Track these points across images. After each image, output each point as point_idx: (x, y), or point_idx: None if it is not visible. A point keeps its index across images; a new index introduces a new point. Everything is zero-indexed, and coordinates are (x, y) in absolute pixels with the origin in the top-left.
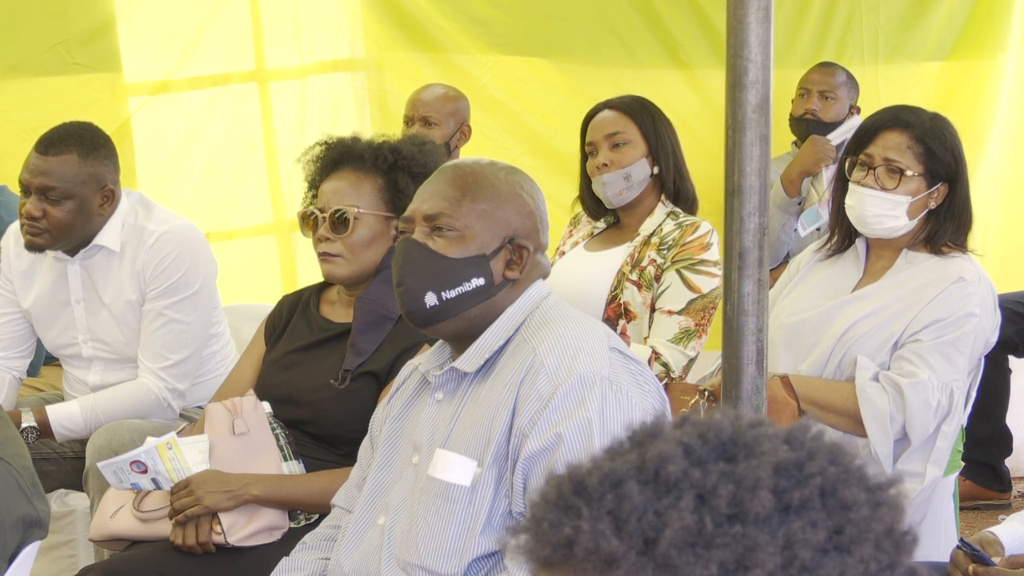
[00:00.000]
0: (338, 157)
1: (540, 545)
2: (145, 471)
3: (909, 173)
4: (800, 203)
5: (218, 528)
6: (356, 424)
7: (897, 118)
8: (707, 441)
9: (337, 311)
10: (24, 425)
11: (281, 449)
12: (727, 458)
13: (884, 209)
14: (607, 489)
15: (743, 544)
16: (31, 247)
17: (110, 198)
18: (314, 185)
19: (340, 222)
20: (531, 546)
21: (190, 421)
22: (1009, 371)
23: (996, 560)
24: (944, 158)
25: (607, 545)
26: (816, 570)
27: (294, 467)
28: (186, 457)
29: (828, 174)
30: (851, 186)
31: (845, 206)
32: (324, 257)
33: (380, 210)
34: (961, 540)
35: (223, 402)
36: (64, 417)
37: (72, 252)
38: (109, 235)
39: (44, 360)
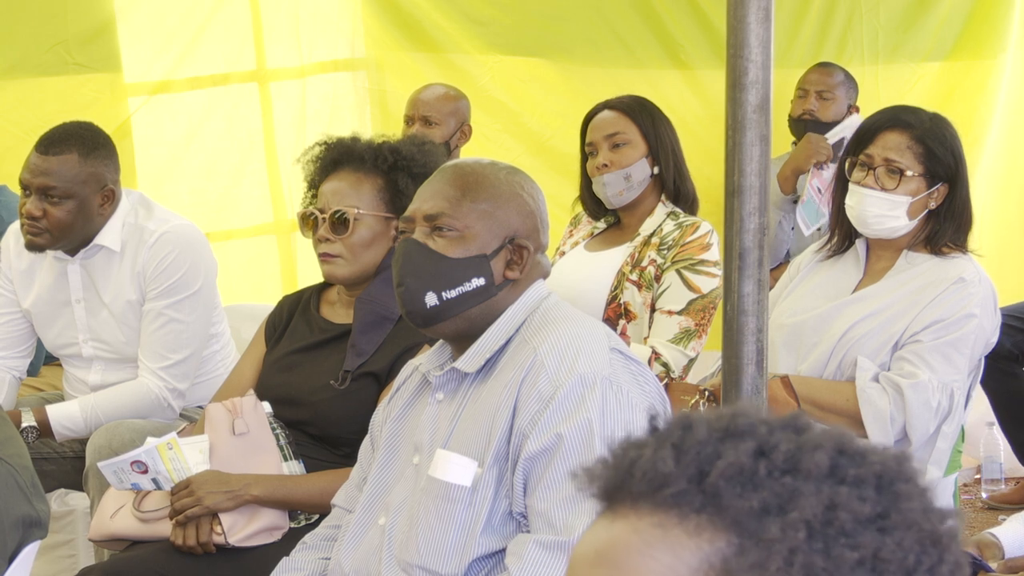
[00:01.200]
0: (338, 157)
1: (606, 472)
2: (146, 471)
3: (909, 173)
4: (795, 200)
5: (218, 528)
6: (356, 425)
7: (897, 118)
8: (780, 421)
9: (337, 312)
10: (24, 425)
11: (281, 449)
12: (796, 430)
13: (884, 209)
14: (677, 428)
15: (789, 490)
16: (31, 247)
17: (110, 198)
18: (314, 185)
19: (340, 223)
20: (598, 474)
21: (190, 421)
22: None
23: (993, 565)
24: (944, 158)
25: (663, 467)
26: (854, 536)
27: (294, 467)
28: (186, 457)
29: (828, 173)
30: (851, 186)
31: (845, 206)
32: (324, 258)
33: (380, 210)
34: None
35: (223, 402)
36: (64, 417)
37: (72, 252)
38: (109, 235)
39: (44, 360)
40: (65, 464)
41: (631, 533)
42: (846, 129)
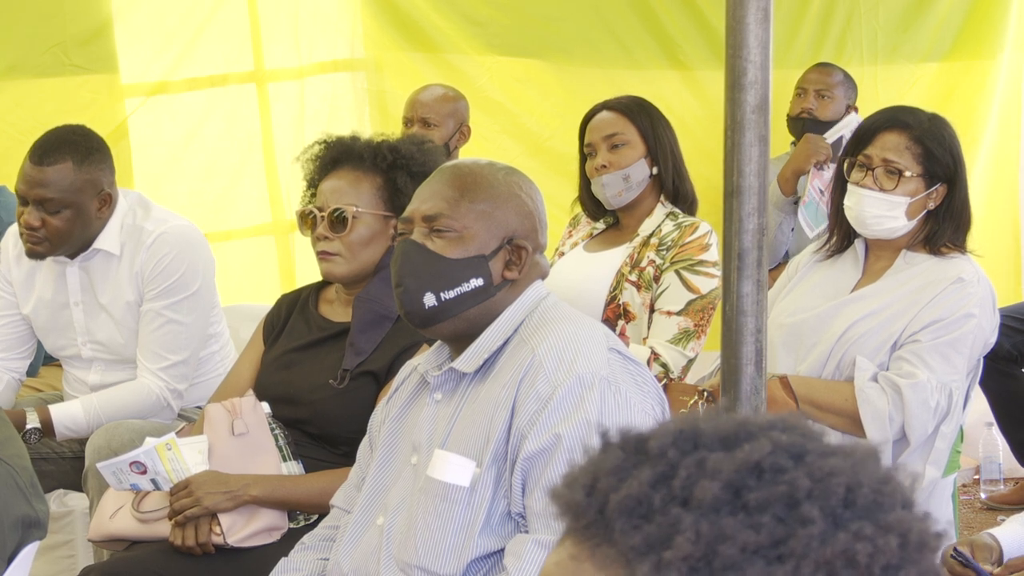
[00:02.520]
0: (337, 156)
1: (553, 498)
2: (144, 472)
3: (908, 174)
4: (796, 202)
5: (217, 529)
6: (355, 424)
7: (896, 119)
8: (706, 431)
9: (336, 310)
10: (28, 426)
11: (280, 450)
12: (711, 448)
13: (883, 210)
14: (599, 452)
15: (674, 522)
16: (32, 255)
17: (107, 201)
18: (313, 184)
19: (339, 221)
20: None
21: (188, 421)
22: (1023, 375)
23: (987, 567)
24: (943, 159)
25: (577, 497)
26: (741, 569)
27: (293, 468)
28: (185, 458)
29: (828, 174)
30: (850, 187)
31: (844, 207)
32: (322, 256)
33: (379, 209)
34: (955, 549)
35: (222, 402)
36: (67, 417)
37: (72, 255)
38: (108, 238)
39: (43, 360)
40: (64, 464)
41: (555, 565)
42: (844, 128)
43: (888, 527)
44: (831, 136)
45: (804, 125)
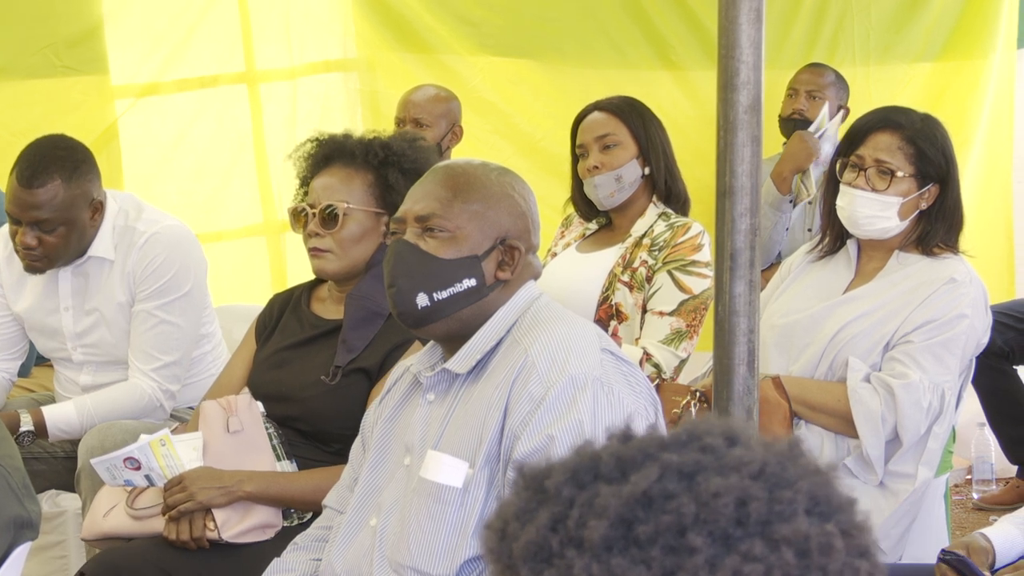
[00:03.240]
0: (329, 153)
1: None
2: (139, 468)
3: (900, 174)
4: (792, 201)
5: (211, 524)
6: (347, 421)
7: (888, 119)
8: (604, 459)
9: (328, 308)
10: (22, 429)
11: (274, 449)
12: (609, 479)
13: (875, 210)
14: (507, 498)
15: (569, 569)
16: (31, 271)
17: (99, 209)
18: (305, 182)
19: (330, 218)
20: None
21: (181, 422)
22: (1015, 372)
23: (985, 571)
24: (935, 159)
25: (490, 543)
26: None
27: (287, 467)
28: (179, 454)
29: (816, 172)
30: (842, 187)
31: (836, 207)
32: (314, 253)
33: (370, 206)
34: (943, 551)
35: (218, 400)
36: (60, 419)
37: (67, 262)
38: (102, 244)
39: (35, 361)
40: (57, 464)
41: None
42: (826, 123)
43: (783, 540)
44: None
45: (796, 126)
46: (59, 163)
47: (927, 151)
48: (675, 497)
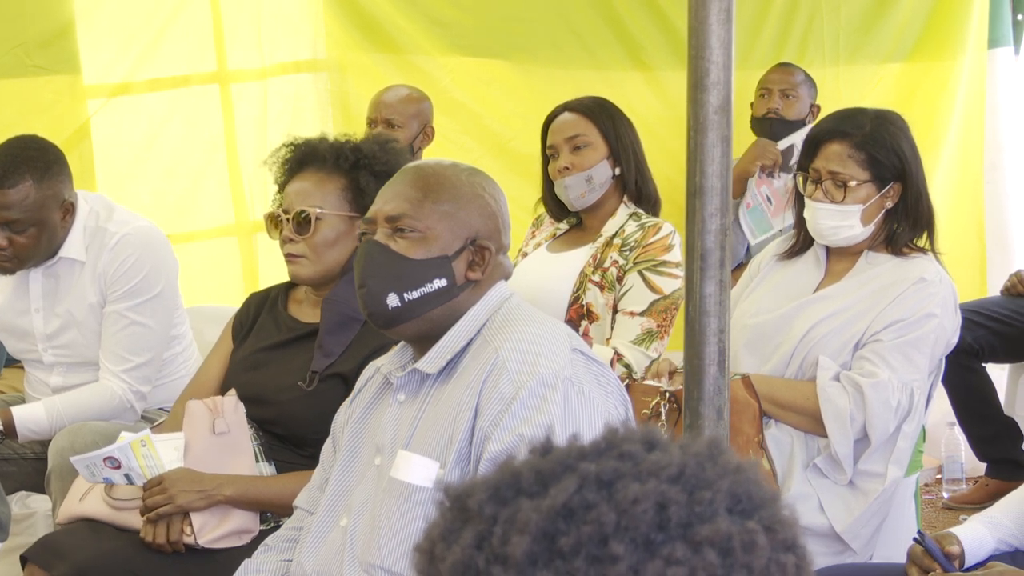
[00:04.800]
0: (302, 158)
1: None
2: (118, 467)
3: (853, 183)
4: (738, 204)
5: (188, 529)
6: (323, 426)
7: (835, 129)
8: (524, 474)
9: (305, 311)
10: None
11: (254, 451)
12: (530, 494)
13: (837, 221)
14: (437, 511)
15: None
16: (1, 272)
17: (70, 210)
18: (281, 187)
19: (303, 223)
20: None
21: (151, 423)
22: (983, 370)
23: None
24: (887, 160)
25: (420, 567)
26: None
27: (265, 469)
28: (160, 454)
29: (779, 183)
30: (806, 200)
31: (804, 218)
32: (289, 258)
33: (343, 210)
34: (919, 532)
35: (204, 400)
36: (29, 419)
37: (37, 264)
38: (73, 246)
39: (5, 362)
40: (26, 466)
41: None
42: (796, 137)
43: (705, 541)
44: (782, 144)
45: (771, 125)
46: (30, 163)
47: (878, 155)
48: (595, 507)
